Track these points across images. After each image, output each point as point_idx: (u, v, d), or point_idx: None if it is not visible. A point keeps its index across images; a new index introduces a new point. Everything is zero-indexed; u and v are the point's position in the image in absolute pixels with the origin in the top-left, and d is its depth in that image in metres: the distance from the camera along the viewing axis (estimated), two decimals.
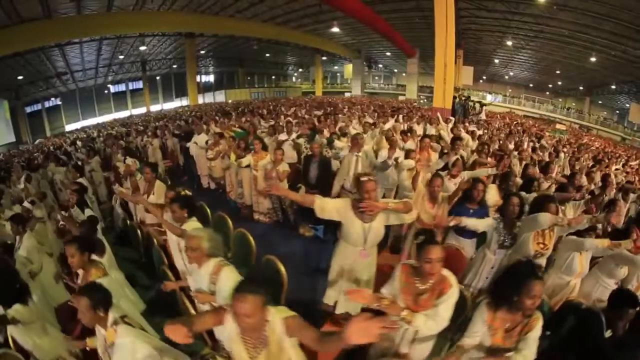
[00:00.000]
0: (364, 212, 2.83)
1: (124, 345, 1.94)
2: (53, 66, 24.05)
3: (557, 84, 31.13)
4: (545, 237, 3.32)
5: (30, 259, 3.39)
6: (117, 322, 1.98)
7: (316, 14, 24.19)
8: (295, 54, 38.03)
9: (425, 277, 2.24)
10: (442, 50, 16.35)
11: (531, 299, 2.02)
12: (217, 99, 36.36)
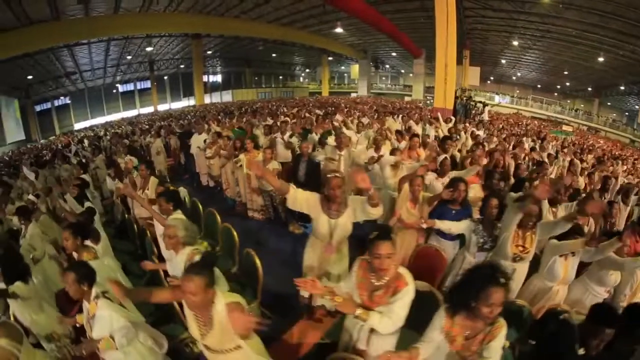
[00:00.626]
0: (331, 208, 2.97)
1: (103, 316, 2.25)
2: (62, 66, 24.65)
3: (565, 85, 31.00)
4: (526, 240, 3.21)
5: (34, 246, 3.76)
6: (98, 297, 2.30)
7: (321, 14, 24.50)
8: (303, 54, 38.40)
9: (379, 273, 2.23)
10: (443, 50, 16.37)
11: (489, 307, 1.88)
12: (225, 99, 36.97)
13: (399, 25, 24.64)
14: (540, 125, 23.64)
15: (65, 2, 16.49)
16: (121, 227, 5.65)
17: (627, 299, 3.30)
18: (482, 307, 1.87)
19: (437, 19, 16.21)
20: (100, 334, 2.22)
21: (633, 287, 3.27)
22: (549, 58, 25.97)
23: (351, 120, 10.09)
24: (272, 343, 3.26)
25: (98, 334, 2.23)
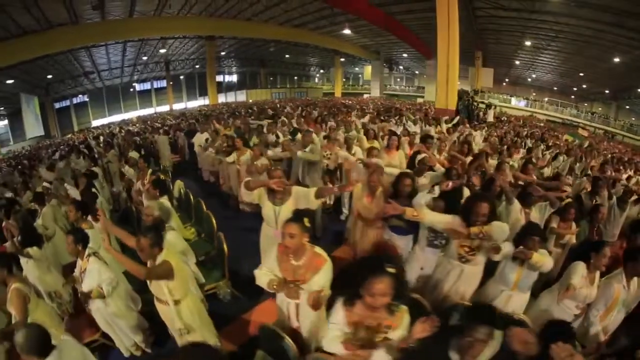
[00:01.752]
0: (275, 197, 3.41)
1: (92, 270, 3.01)
2: (81, 66, 26.00)
3: (582, 87, 30.27)
4: (474, 241, 3.10)
5: (46, 226, 4.58)
6: (89, 255, 3.06)
7: (332, 15, 25.04)
8: (317, 55, 39.18)
9: (293, 253, 2.47)
10: (445, 51, 16.50)
11: (371, 297, 1.95)
12: (239, 99, 38.02)
13: (410, 26, 25.02)
14: (546, 128, 23.28)
15: (83, 7, 17.53)
16: (124, 213, 6.45)
17: (601, 317, 3.07)
18: (366, 295, 1.97)
19: (438, 18, 16.37)
20: (90, 284, 2.98)
21: (608, 303, 3.02)
22: (564, 59, 25.51)
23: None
24: (234, 319, 3.88)
25: (88, 285, 2.99)
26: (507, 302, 3.12)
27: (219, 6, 22.35)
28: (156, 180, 4.40)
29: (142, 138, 12.97)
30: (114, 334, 3.28)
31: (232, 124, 11.10)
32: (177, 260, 2.76)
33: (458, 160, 5.57)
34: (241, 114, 15.88)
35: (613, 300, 3.02)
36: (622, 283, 3.00)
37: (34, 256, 3.45)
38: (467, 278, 3.24)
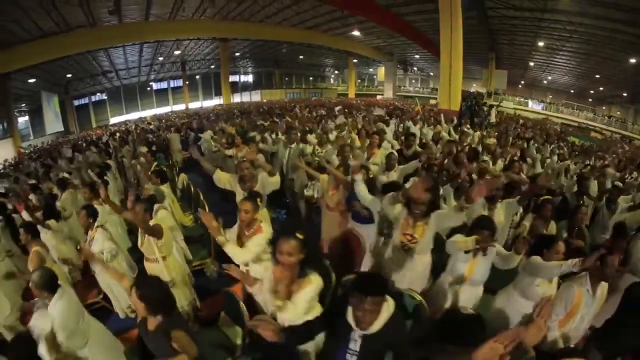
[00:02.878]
0: (245, 185, 4.02)
1: (98, 239, 3.76)
2: (99, 65, 27.36)
3: (599, 90, 29.60)
4: (416, 229, 3.08)
5: (65, 208, 5.36)
6: (97, 227, 3.82)
7: (343, 17, 25.64)
8: (331, 56, 39.77)
9: (247, 225, 3.11)
10: (447, 50, 16.82)
11: (280, 255, 2.28)
12: (254, 98, 38.93)
13: (421, 27, 25.22)
14: (550, 129, 22.81)
15: (100, 11, 18.67)
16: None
17: (561, 322, 2.86)
18: (277, 254, 2.30)
19: (441, 18, 16.70)
20: (95, 250, 3.72)
21: (568, 307, 2.82)
22: (580, 61, 25.21)
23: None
24: (217, 292, 4.19)
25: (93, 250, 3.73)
26: (458, 295, 3.12)
27: (231, 9, 23.28)
28: (157, 171, 5.24)
29: (155, 135, 13.89)
30: (112, 296, 4.01)
31: (239, 123, 11.85)
32: (165, 227, 3.52)
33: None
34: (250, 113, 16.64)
35: (574, 304, 2.81)
36: (585, 287, 2.80)
37: (52, 227, 4.22)
38: (414, 267, 3.23)
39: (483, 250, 2.96)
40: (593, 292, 2.79)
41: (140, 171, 6.32)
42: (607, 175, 6.75)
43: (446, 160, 5.59)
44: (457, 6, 16.22)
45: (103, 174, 6.54)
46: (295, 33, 28.64)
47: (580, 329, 2.91)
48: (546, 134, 16.41)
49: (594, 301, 2.81)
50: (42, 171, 8.49)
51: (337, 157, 5.33)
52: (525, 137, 12.18)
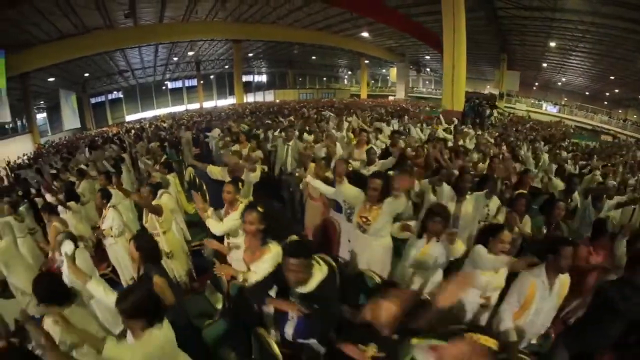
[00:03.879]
0: (232, 174, 4.66)
1: (109, 217, 4.46)
2: (115, 65, 28.52)
3: (614, 92, 29.10)
4: (371, 212, 3.44)
5: (83, 194, 6.09)
6: (110, 207, 4.51)
7: (354, 18, 26.17)
8: (344, 57, 40.32)
9: (229, 204, 3.63)
10: (450, 51, 17.01)
11: (244, 224, 2.85)
12: (268, 98, 39.85)
13: (433, 27, 25.08)
14: (557, 131, 22.69)
15: (116, 14, 19.69)
16: None
17: (517, 314, 2.87)
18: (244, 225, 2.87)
19: (443, 19, 16.91)
20: (106, 225, 4.41)
21: (521, 299, 2.82)
22: (593, 62, 25.04)
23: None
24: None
25: (105, 225, 4.42)
26: (411, 278, 3.34)
27: (243, 11, 24.06)
28: (165, 162, 6.01)
29: (169, 133, 14.72)
30: (119, 269, 4.69)
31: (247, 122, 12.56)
32: (165, 207, 4.21)
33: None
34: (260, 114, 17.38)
35: (528, 296, 2.80)
36: (540, 278, 2.79)
37: (72, 208, 4.96)
38: (369, 249, 3.55)
39: (436, 236, 3.15)
40: (550, 285, 2.78)
41: (150, 164, 7.00)
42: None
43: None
44: (459, 7, 16.39)
45: (117, 165, 7.28)
46: (307, 34, 29.33)
47: (536, 323, 2.88)
48: (549, 134, 16.58)
49: (550, 294, 2.79)
50: (61, 164, 9.35)
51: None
52: (524, 139, 12.56)
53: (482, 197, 4.26)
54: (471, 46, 27.44)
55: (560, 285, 2.80)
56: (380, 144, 7.28)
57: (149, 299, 2.08)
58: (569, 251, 2.69)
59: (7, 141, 19.37)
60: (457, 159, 5.88)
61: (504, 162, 5.87)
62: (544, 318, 2.88)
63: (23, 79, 20.01)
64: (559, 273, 2.76)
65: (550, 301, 2.81)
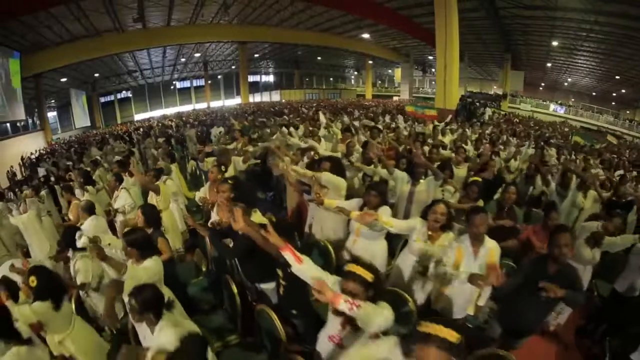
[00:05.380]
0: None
1: (120, 197, 5.40)
2: (125, 65, 29.81)
3: (622, 92, 28.99)
4: (323, 189, 4.15)
5: (97, 182, 7.04)
6: (121, 189, 5.43)
7: (357, 20, 26.87)
8: (350, 57, 41.07)
9: (213, 182, 4.44)
10: (442, 51, 17.44)
11: (217, 193, 3.73)
12: (274, 98, 40.64)
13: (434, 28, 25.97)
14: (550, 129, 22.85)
15: (125, 17, 20.78)
16: None
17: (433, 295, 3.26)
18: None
19: (436, 19, 17.36)
20: (118, 204, 5.32)
21: (449, 263, 3.07)
22: (599, 61, 24.93)
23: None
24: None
25: (117, 204, 5.34)
26: (352, 245, 3.81)
27: (248, 14, 25.05)
28: (168, 153, 6.92)
29: (175, 131, 15.73)
30: None
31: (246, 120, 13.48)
32: (164, 189, 5.12)
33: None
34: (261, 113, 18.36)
35: (456, 260, 3.03)
36: (465, 244, 3.04)
37: (89, 191, 5.89)
38: (322, 219, 4.32)
39: (374, 208, 3.58)
40: (474, 253, 3.01)
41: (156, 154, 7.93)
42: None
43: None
44: (451, 6, 16.79)
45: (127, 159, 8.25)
46: (310, 35, 30.19)
47: (464, 288, 3.06)
48: (541, 132, 16.97)
49: (475, 259, 3.00)
50: (75, 157, 10.40)
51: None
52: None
53: (432, 181, 4.73)
54: (478, 46, 28.53)
55: (487, 252, 3.01)
56: (362, 138, 7.80)
57: (147, 239, 3.04)
58: (477, 219, 2.95)
59: (21, 138, 20.45)
60: (430, 152, 6.47)
61: (481, 156, 6.52)
62: (471, 286, 3.01)
63: (36, 79, 21.09)
64: (477, 241, 3.02)
65: (477, 267, 2.98)
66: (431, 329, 1.59)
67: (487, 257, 2.98)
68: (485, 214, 3.06)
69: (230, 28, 26.65)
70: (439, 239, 3.26)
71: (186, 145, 12.82)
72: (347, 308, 1.90)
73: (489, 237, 3.06)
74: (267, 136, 8.59)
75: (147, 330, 2.27)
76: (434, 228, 3.27)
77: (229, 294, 3.40)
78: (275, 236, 2.32)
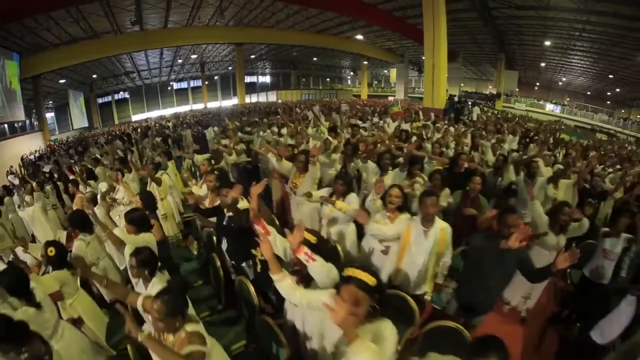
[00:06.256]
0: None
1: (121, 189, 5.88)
2: (122, 66, 30.33)
3: (616, 92, 29.80)
4: (299, 180, 4.80)
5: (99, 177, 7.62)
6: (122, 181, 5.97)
7: (351, 21, 27.43)
8: (346, 57, 41.59)
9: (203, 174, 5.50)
10: (430, 51, 17.83)
11: (206, 181, 4.49)
12: (271, 99, 41.43)
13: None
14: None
15: (124, 19, 21.33)
16: None
17: (399, 254, 3.53)
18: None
19: (424, 19, 17.69)
20: (119, 196, 5.87)
21: (400, 239, 3.50)
22: (593, 61, 25.36)
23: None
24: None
25: (118, 196, 5.88)
26: (325, 229, 4.26)
27: (243, 16, 25.53)
28: (165, 151, 7.43)
29: (172, 131, 16.30)
30: None
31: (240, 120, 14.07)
32: (164, 181, 5.68)
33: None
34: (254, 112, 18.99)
35: (404, 238, 3.38)
36: (415, 223, 3.39)
37: (91, 185, 6.47)
38: (299, 210, 4.88)
39: (342, 196, 4.06)
40: (425, 233, 3.35)
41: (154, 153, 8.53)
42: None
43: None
44: (439, 6, 17.13)
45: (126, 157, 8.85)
46: (306, 37, 30.62)
47: (417, 263, 3.39)
48: (526, 129, 17.36)
49: (426, 238, 3.34)
50: (77, 157, 11.01)
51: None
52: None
53: (398, 172, 5.18)
54: (472, 47, 29.09)
55: (435, 232, 3.33)
56: (346, 136, 8.56)
57: (144, 217, 3.67)
58: (427, 200, 3.30)
59: (19, 139, 20.83)
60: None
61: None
62: (423, 261, 3.38)
63: (34, 80, 21.51)
64: (427, 221, 3.35)
65: (427, 244, 3.33)
66: (351, 272, 1.99)
67: (438, 236, 3.32)
68: (435, 197, 3.38)
69: (226, 30, 27.17)
70: (397, 219, 3.59)
71: (182, 144, 13.41)
72: (305, 259, 2.31)
73: (456, 225, 3.48)
74: (255, 134, 9.20)
75: (142, 287, 2.85)
76: (391, 209, 3.61)
77: (214, 270, 3.96)
78: (255, 212, 2.72)
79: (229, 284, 3.81)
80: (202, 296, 4.07)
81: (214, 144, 10.06)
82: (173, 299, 2.06)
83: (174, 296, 2.08)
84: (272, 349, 2.73)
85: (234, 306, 3.82)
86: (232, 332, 3.58)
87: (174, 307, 2.04)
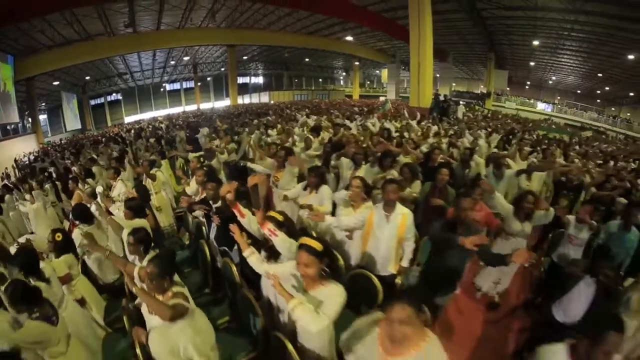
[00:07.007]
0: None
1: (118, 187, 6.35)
2: (115, 68, 30.62)
3: (606, 90, 30.25)
4: (279, 173, 5.38)
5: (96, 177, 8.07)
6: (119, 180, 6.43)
7: (342, 22, 27.97)
8: (339, 58, 42.18)
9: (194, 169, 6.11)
10: (416, 50, 18.20)
11: (196, 177, 5.13)
12: (263, 99, 41.70)
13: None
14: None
15: (117, 22, 21.75)
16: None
17: (363, 238, 3.83)
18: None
19: (410, 18, 18.08)
20: (115, 193, 6.31)
21: (363, 226, 3.75)
22: (582, 60, 25.89)
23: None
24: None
25: (114, 193, 6.33)
26: (307, 221, 4.47)
27: (235, 18, 26.09)
28: (159, 151, 7.92)
29: (166, 132, 16.74)
30: None
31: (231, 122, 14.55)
32: (158, 177, 6.17)
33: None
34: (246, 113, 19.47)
35: (367, 224, 3.65)
36: (378, 209, 3.65)
37: (89, 183, 6.90)
38: (280, 201, 5.00)
39: (315, 188, 4.41)
40: (387, 218, 3.59)
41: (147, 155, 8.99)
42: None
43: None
44: (425, 6, 17.51)
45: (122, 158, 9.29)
46: (297, 38, 31.17)
47: (380, 248, 3.67)
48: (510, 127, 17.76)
49: (388, 223, 3.59)
50: (72, 158, 11.46)
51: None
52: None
53: (369, 167, 5.54)
54: (463, 47, 29.71)
55: (399, 217, 3.57)
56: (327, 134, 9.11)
57: (140, 206, 4.20)
58: (389, 187, 3.54)
59: (14, 141, 21.14)
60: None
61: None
62: (386, 244, 3.64)
63: (28, 83, 21.77)
64: (389, 206, 3.58)
65: (389, 228, 3.58)
66: (302, 240, 2.42)
67: (399, 221, 3.56)
68: (396, 184, 3.64)
69: (218, 32, 27.57)
70: (360, 207, 3.93)
71: (175, 145, 13.85)
72: (269, 234, 2.76)
73: (425, 214, 4.06)
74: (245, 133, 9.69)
75: (138, 263, 3.29)
76: (353, 198, 3.95)
77: (202, 256, 4.41)
78: (230, 199, 3.20)
79: (216, 269, 4.24)
80: (192, 282, 4.51)
81: (206, 143, 10.62)
82: (162, 262, 2.49)
83: (163, 260, 2.52)
84: (250, 320, 3.12)
85: (220, 289, 4.24)
86: (218, 310, 3.96)
87: (163, 269, 2.45)
